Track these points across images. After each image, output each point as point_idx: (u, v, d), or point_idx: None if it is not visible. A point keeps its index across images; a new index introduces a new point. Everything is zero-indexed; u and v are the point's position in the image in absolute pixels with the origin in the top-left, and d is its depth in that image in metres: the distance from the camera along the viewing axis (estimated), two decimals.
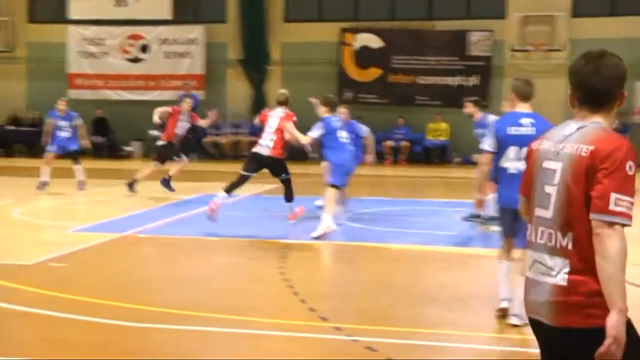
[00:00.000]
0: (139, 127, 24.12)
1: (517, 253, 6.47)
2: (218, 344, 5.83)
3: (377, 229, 10.99)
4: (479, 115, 10.88)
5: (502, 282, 6.46)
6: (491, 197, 7.82)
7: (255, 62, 23.88)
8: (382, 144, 22.65)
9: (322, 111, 10.94)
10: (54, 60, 24.62)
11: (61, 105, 15.11)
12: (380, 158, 22.58)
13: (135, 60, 24.69)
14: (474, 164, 21.28)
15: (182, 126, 14.36)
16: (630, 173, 2.80)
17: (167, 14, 24.02)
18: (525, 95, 6.34)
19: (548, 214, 2.95)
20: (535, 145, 3.11)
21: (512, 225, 6.28)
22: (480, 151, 6.49)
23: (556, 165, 2.93)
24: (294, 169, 11.57)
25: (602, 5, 21.88)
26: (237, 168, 14.18)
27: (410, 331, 6.04)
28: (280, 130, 10.80)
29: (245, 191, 14.48)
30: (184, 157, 14.36)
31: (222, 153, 23.17)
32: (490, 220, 9.86)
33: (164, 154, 14.29)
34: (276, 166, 11.11)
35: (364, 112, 22.97)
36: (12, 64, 25.09)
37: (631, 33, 21.30)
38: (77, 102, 24.64)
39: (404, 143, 22.54)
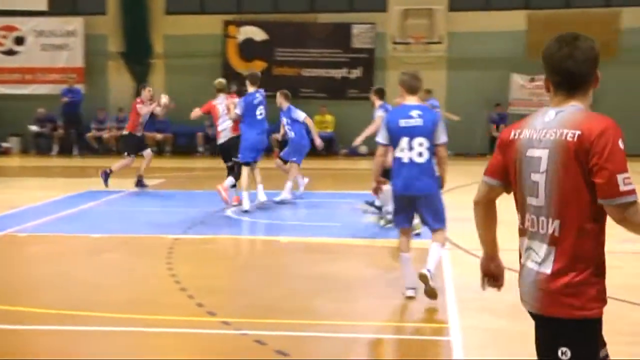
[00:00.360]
0: (16, 122, 23.22)
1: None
2: (102, 343, 5.69)
3: (267, 221, 11.00)
4: (378, 104, 11.10)
5: (407, 272, 6.73)
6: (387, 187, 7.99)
7: (137, 55, 23.40)
8: (269, 137, 22.73)
9: (249, 87, 11.66)
10: None
11: None
12: (268, 151, 22.64)
13: (10, 52, 23.69)
14: (360, 155, 21.69)
15: (145, 115, 13.97)
16: (622, 148, 2.80)
17: (42, 5, 23.14)
18: (412, 88, 6.72)
19: (539, 202, 2.93)
20: (513, 134, 3.05)
21: (409, 213, 6.67)
22: (376, 144, 6.76)
23: (541, 153, 2.91)
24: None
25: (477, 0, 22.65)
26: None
27: (300, 323, 6.08)
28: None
29: (131, 187, 14.23)
30: (131, 156, 13.96)
31: (105, 148, 22.60)
32: (381, 210, 10.10)
33: (129, 145, 14.02)
34: (234, 146, 11.65)
35: None
36: None
37: (506, 26, 22.15)
38: None
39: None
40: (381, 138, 6.63)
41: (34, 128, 23.18)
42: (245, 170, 11.44)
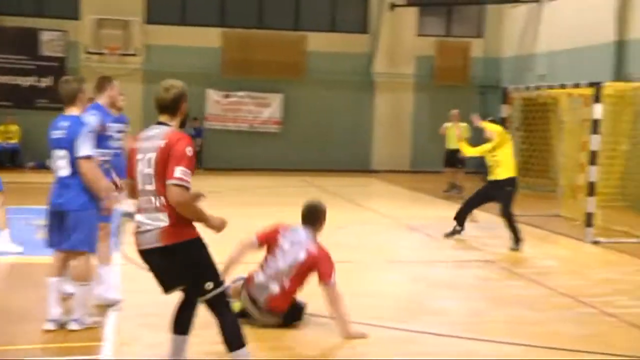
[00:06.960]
0: None
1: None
2: None
3: None
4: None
5: (51, 300, 6.09)
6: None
7: None
8: None
9: None
10: None
11: None
12: None
13: None
14: (48, 168, 20.56)
15: None
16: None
17: None
18: (63, 98, 6.13)
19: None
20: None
21: (58, 231, 6.03)
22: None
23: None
24: None
25: (174, 14, 22.67)
26: None
27: None
28: None
29: None
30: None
31: None
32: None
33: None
34: None
35: None
36: None
37: (201, 42, 22.45)
38: None
39: None
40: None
41: None
42: None
